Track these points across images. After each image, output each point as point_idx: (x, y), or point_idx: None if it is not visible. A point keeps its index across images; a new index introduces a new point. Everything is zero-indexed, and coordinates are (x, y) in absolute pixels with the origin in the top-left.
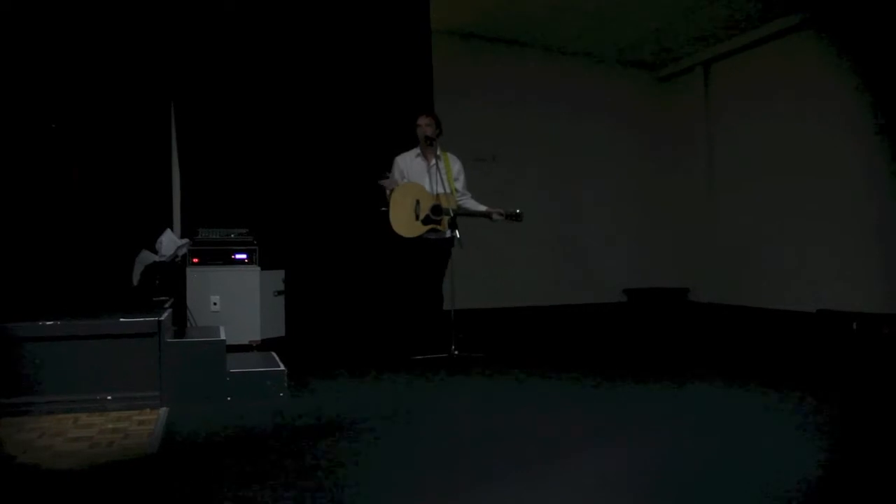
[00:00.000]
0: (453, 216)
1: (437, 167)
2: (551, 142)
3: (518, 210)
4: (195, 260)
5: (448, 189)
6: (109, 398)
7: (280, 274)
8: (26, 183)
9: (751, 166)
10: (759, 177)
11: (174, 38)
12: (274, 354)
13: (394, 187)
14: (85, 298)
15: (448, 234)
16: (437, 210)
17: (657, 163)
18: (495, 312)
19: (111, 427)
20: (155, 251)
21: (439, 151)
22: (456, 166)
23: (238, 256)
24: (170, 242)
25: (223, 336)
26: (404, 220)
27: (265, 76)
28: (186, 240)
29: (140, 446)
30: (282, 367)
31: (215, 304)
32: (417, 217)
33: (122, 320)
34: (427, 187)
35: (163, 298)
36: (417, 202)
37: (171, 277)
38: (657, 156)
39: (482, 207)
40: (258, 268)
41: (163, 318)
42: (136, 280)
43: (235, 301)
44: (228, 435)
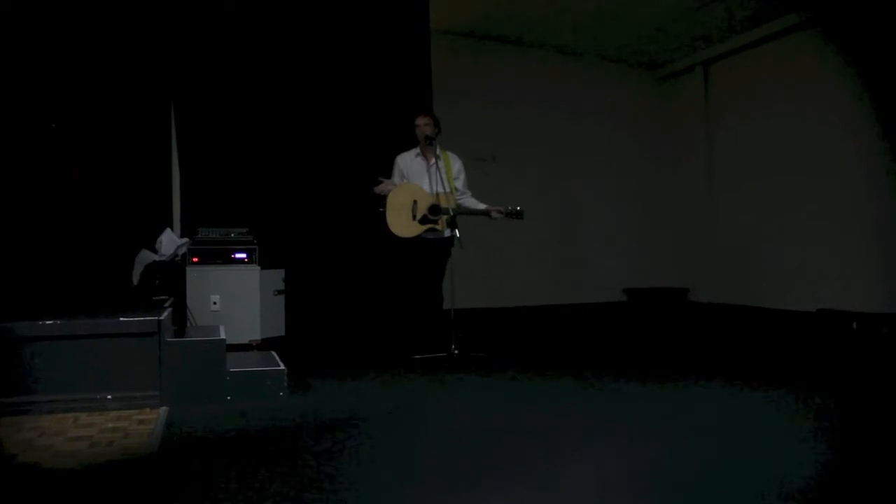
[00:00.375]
0: (453, 216)
1: (437, 166)
2: (551, 142)
3: (519, 207)
4: (195, 259)
5: (448, 188)
6: (109, 397)
7: (280, 273)
8: (26, 183)
9: (751, 166)
10: (759, 177)
11: (174, 39)
12: (274, 354)
13: (389, 190)
14: (85, 298)
15: (447, 234)
16: (435, 210)
17: (657, 163)
18: (495, 312)
19: (111, 426)
20: (155, 250)
21: (439, 151)
22: (456, 165)
23: (238, 256)
24: (170, 242)
25: (223, 335)
26: (401, 221)
27: (265, 76)
28: (186, 239)
29: (140, 446)
30: (282, 367)
31: (215, 304)
32: (415, 217)
33: (122, 320)
34: (427, 186)
35: (163, 298)
36: (415, 202)
37: (171, 277)
38: (657, 156)
39: (482, 206)
40: (258, 267)
41: (163, 318)
42: (136, 279)
43: (235, 300)
44: (228, 434)
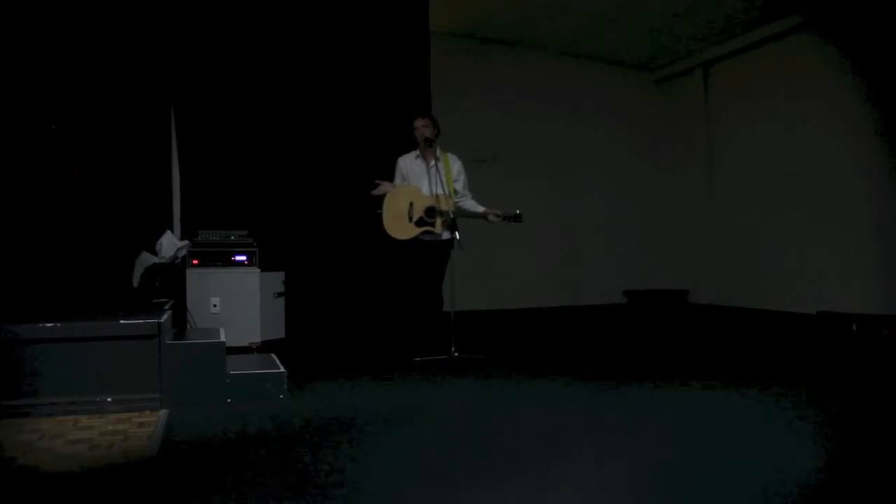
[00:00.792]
0: (453, 218)
1: (437, 168)
2: (551, 142)
3: (518, 211)
4: (195, 262)
5: (447, 190)
6: (109, 400)
7: (280, 276)
8: (27, 184)
9: (751, 167)
10: (759, 178)
11: (174, 41)
12: (274, 356)
13: (387, 192)
14: (85, 300)
15: (444, 236)
16: (431, 212)
17: (657, 163)
18: (495, 314)
19: (111, 429)
20: (155, 253)
21: (439, 152)
22: (456, 167)
23: (238, 258)
24: (170, 244)
25: (223, 338)
26: (397, 223)
27: (264, 78)
28: (186, 241)
29: (140, 448)
30: (282, 369)
31: (215, 306)
32: (411, 219)
33: (122, 322)
34: (426, 188)
35: (163, 300)
36: (411, 204)
37: (171, 279)
38: (657, 156)
39: (480, 209)
40: (258, 269)
41: (163, 320)
42: (136, 282)
43: (235, 303)
44: (228, 437)
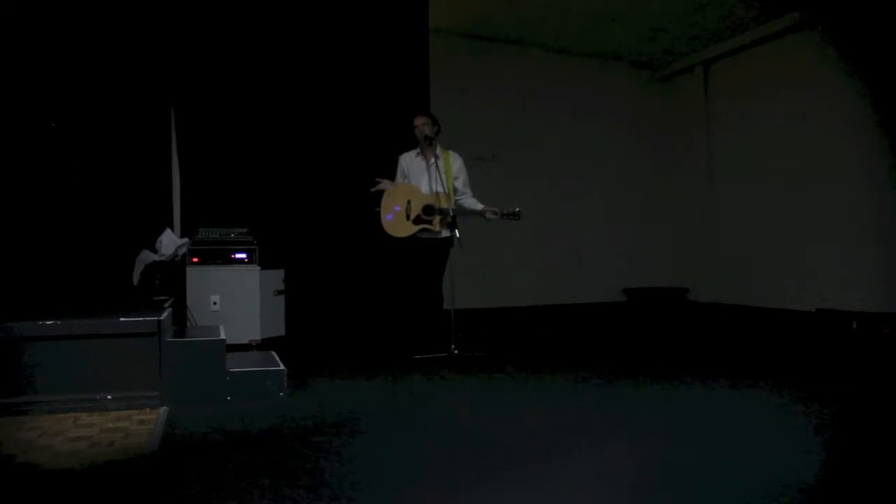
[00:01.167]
0: (453, 216)
1: (437, 166)
2: (551, 141)
3: (517, 209)
4: (195, 259)
5: (447, 188)
6: (109, 398)
7: (280, 273)
8: (26, 183)
9: (750, 166)
10: (759, 176)
11: (174, 40)
12: (274, 354)
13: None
14: (85, 298)
15: (443, 234)
16: (429, 210)
17: (657, 162)
18: (495, 312)
19: (111, 426)
20: (155, 251)
21: (439, 150)
22: (456, 164)
23: (238, 256)
24: (170, 242)
25: (223, 335)
26: (394, 221)
27: (264, 77)
28: (186, 239)
29: (140, 446)
30: (282, 367)
31: (215, 304)
32: (408, 217)
33: (123, 320)
34: (426, 186)
35: (163, 298)
36: (409, 202)
37: (171, 277)
38: (657, 155)
39: (479, 206)
40: (258, 267)
41: (163, 318)
42: (137, 279)
43: (235, 300)
44: (228, 434)
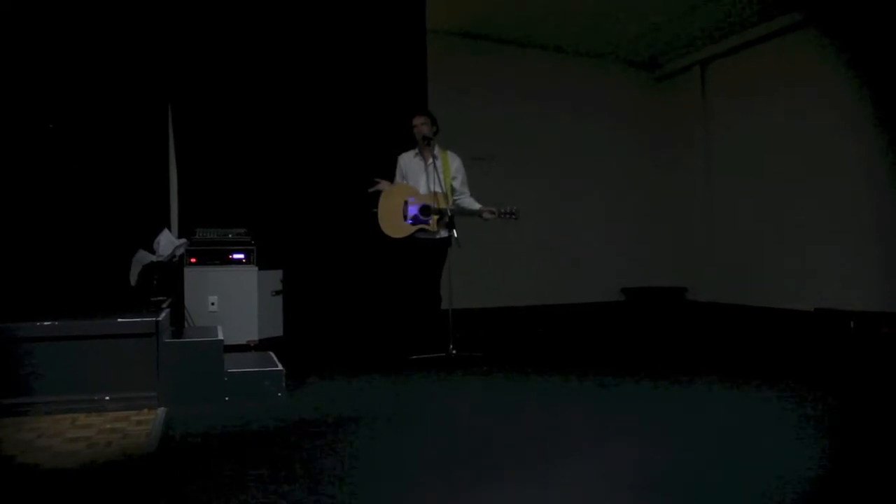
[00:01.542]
0: (451, 216)
1: (435, 166)
2: (550, 141)
3: (514, 208)
4: (193, 260)
5: (444, 188)
6: (107, 398)
7: (278, 274)
8: (24, 183)
9: (750, 165)
10: (759, 176)
11: (172, 40)
12: (272, 354)
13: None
14: (83, 298)
15: (441, 235)
16: (426, 210)
17: (656, 162)
18: (493, 312)
19: (109, 427)
20: (152, 251)
21: (437, 150)
22: (454, 164)
23: (236, 256)
24: (167, 242)
25: (221, 336)
26: (391, 221)
27: (262, 77)
28: (184, 240)
29: (138, 446)
30: (280, 367)
31: (213, 304)
32: (405, 217)
33: (120, 320)
34: (423, 186)
35: (160, 298)
36: (406, 202)
37: (169, 277)
38: (656, 155)
39: (477, 206)
40: (256, 268)
41: (160, 319)
42: (134, 280)
43: (233, 301)
44: (226, 435)
